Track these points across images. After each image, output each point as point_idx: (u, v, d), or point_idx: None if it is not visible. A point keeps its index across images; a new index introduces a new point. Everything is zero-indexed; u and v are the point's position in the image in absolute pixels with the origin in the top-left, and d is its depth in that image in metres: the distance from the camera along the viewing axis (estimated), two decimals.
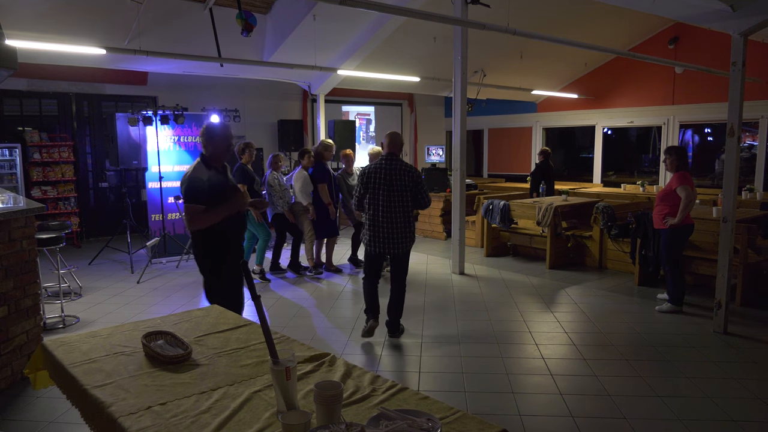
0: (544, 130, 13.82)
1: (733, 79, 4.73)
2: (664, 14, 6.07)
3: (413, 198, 4.56)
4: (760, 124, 10.15)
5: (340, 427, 1.49)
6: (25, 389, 3.78)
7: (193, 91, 10.19)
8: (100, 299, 6.00)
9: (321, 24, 7.69)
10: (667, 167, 5.53)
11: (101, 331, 2.50)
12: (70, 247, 8.84)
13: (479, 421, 1.64)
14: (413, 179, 4.50)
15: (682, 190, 5.26)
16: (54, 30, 6.54)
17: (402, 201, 4.51)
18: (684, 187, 5.26)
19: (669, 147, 5.62)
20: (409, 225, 4.58)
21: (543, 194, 9.41)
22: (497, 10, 7.20)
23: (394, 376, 3.97)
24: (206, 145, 3.69)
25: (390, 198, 4.48)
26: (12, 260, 3.89)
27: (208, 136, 3.69)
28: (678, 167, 5.38)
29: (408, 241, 4.59)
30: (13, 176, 8.44)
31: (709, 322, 5.11)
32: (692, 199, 5.27)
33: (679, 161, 5.39)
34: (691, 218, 5.51)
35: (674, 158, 5.40)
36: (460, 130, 6.92)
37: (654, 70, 11.26)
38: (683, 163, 5.40)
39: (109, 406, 1.77)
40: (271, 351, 1.77)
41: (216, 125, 3.84)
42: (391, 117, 14.08)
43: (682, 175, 5.33)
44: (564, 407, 3.53)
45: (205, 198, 3.50)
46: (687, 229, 5.46)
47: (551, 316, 5.42)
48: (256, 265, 6.81)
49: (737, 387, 3.84)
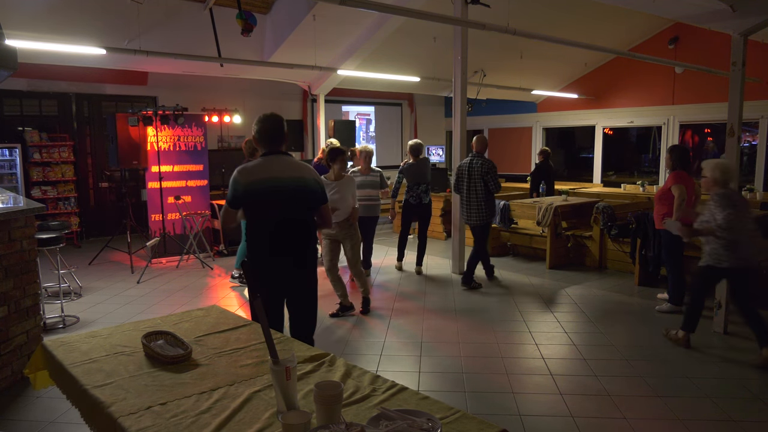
0: (544, 130, 13.82)
1: (733, 79, 4.73)
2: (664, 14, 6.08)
3: (484, 185, 6.15)
4: (760, 124, 10.14)
5: (340, 427, 1.49)
6: (25, 389, 3.78)
7: (193, 91, 10.19)
8: (100, 299, 6.00)
9: (321, 24, 7.69)
10: (666, 166, 5.54)
11: (101, 331, 2.50)
12: (70, 247, 8.84)
13: (479, 421, 1.64)
14: (484, 171, 6.13)
15: (675, 188, 5.27)
16: (54, 30, 6.53)
17: (476, 187, 6.18)
18: (677, 186, 5.26)
19: (671, 146, 5.63)
20: (482, 204, 6.20)
21: (543, 194, 9.41)
22: (497, 10, 7.20)
23: (394, 376, 3.96)
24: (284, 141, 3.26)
25: (470, 184, 6.21)
26: (12, 260, 3.89)
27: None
28: (674, 167, 5.38)
29: (483, 215, 6.23)
30: (13, 176, 8.44)
31: (709, 322, 5.10)
32: (685, 198, 5.26)
33: (677, 161, 5.38)
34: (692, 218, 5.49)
35: (671, 157, 5.40)
36: (460, 130, 6.92)
37: (654, 70, 11.26)
38: (681, 162, 5.39)
39: (109, 406, 1.77)
40: (271, 351, 1.77)
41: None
42: (391, 117, 14.08)
43: (677, 174, 5.33)
44: (564, 407, 3.53)
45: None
46: None
47: (551, 316, 5.42)
48: (235, 269, 6.60)
49: (737, 387, 3.84)
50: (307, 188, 3.14)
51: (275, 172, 3.08)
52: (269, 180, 3.05)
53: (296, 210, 3.14)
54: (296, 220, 3.15)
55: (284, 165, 3.12)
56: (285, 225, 3.12)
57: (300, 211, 3.16)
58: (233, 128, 10.77)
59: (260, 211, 3.10)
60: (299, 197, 3.12)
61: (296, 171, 3.14)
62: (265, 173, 3.06)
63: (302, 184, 3.12)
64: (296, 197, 3.11)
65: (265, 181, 3.04)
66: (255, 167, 3.08)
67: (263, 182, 3.04)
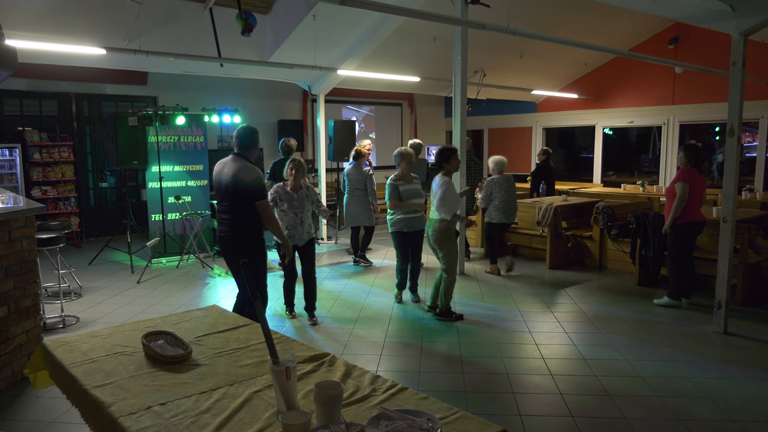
0: (544, 130, 13.82)
1: (733, 79, 4.73)
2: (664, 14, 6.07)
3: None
4: (760, 124, 10.15)
5: (340, 427, 1.49)
6: (25, 389, 3.78)
7: (193, 91, 10.18)
8: (100, 299, 6.00)
9: (321, 24, 7.68)
10: (678, 162, 5.62)
11: (101, 331, 2.50)
12: (70, 247, 8.84)
13: (479, 421, 1.64)
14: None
15: (678, 186, 5.30)
16: (54, 30, 6.53)
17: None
18: (680, 183, 5.29)
19: (685, 143, 5.71)
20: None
21: (543, 194, 9.41)
22: (497, 10, 7.20)
23: (394, 376, 3.96)
24: (248, 146, 4.13)
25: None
26: (12, 260, 3.90)
27: (254, 139, 4.19)
28: (686, 164, 5.44)
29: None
30: (13, 176, 8.44)
31: (709, 322, 5.11)
32: (686, 198, 5.27)
33: (688, 158, 5.43)
34: (702, 215, 5.51)
35: (682, 155, 5.49)
36: (460, 130, 6.92)
37: (654, 70, 11.26)
38: (693, 160, 5.42)
39: (109, 406, 1.77)
40: (271, 351, 1.77)
41: (256, 129, 4.29)
42: (391, 117, 14.08)
43: (685, 171, 5.37)
44: (564, 407, 3.53)
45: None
46: (692, 226, 5.46)
47: (551, 316, 5.42)
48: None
49: (737, 387, 3.84)
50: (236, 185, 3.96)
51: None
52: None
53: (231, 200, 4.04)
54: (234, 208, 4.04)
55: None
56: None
57: (234, 201, 4.01)
58: (233, 128, 10.76)
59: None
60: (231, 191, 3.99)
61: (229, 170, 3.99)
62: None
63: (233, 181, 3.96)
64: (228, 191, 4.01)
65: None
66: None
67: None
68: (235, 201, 3.99)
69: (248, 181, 3.92)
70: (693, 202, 5.36)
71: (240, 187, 3.93)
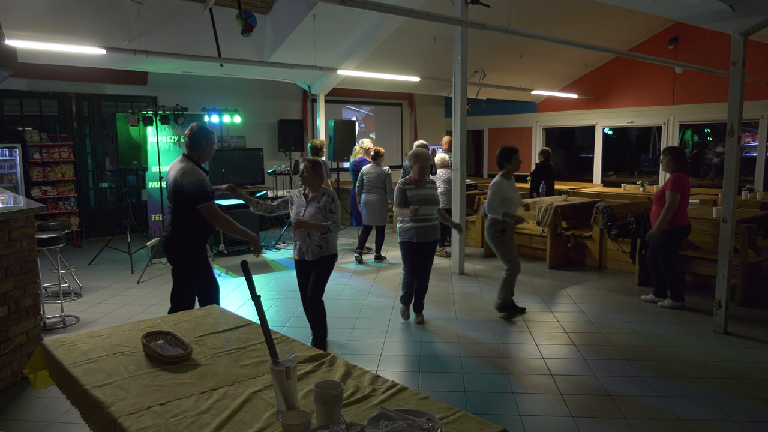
0: (544, 130, 13.82)
1: (733, 79, 4.73)
2: (664, 14, 6.08)
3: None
4: (760, 124, 10.14)
5: (340, 427, 1.49)
6: (25, 389, 3.78)
7: (193, 91, 10.18)
8: (100, 299, 6.00)
9: (321, 24, 7.68)
10: (663, 167, 5.54)
11: (101, 331, 2.50)
12: (70, 247, 8.84)
13: (479, 421, 1.64)
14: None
15: (669, 195, 5.26)
16: (54, 30, 6.54)
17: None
18: (672, 192, 5.25)
19: (666, 148, 5.63)
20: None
21: (543, 194, 9.41)
22: (497, 10, 7.20)
23: (394, 376, 3.96)
24: (195, 147, 3.85)
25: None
26: (12, 260, 3.89)
27: (202, 139, 3.86)
28: (675, 169, 5.38)
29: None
30: (13, 176, 8.44)
31: (709, 322, 5.11)
32: (675, 207, 5.26)
33: (675, 162, 5.38)
34: (688, 219, 5.50)
35: (669, 159, 5.40)
36: (460, 130, 6.92)
37: (654, 70, 11.26)
38: (680, 164, 5.39)
39: (109, 406, 1.77)
40: (271, 351, 1.77)
41: (209, 128, 3.98)
42: (391, 117, 14.07)
43: (677, 177, 5.32)
44: (564, 407, 3.53)
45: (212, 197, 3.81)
46: (680, 231, 5.46)
47: (551, 316, 5.42)
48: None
49: (737, 387, 3.84)
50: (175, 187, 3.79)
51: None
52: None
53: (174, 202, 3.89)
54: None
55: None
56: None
57: (174, 205, 3.85)
58: (233, 128, 10.77)
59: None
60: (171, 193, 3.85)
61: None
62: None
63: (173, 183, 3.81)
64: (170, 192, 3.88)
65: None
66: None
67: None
68: (174, 204, 3.82)
69: (185, 185, 3.68)
70: (681, 208, 5.35)
71: (179, 192, 3.73)
